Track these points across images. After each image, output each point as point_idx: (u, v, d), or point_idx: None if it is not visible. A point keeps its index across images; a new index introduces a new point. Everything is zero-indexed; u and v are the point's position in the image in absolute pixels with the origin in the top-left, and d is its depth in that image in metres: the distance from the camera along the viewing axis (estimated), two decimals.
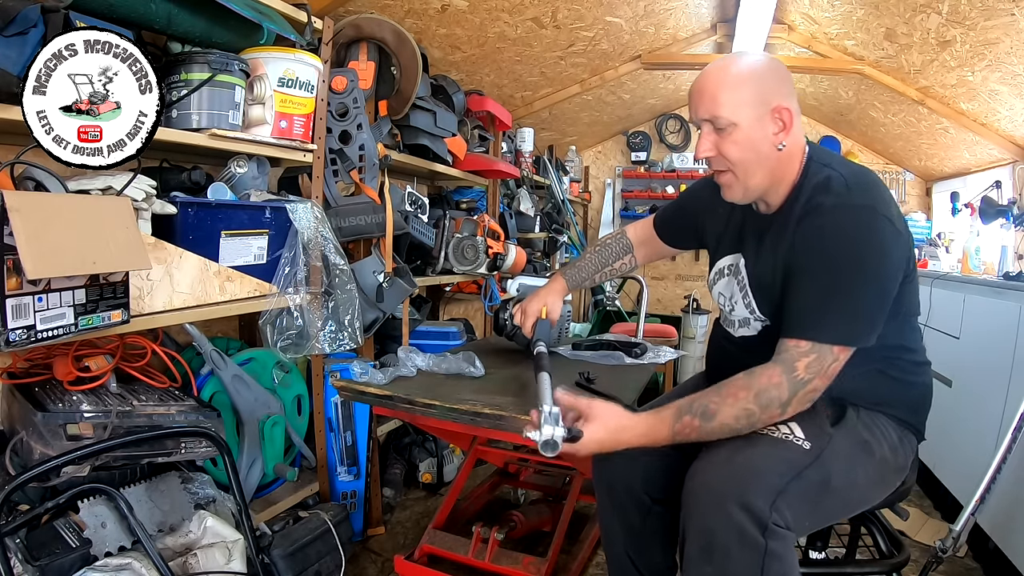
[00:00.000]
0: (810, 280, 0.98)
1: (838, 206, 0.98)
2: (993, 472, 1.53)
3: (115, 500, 1.12)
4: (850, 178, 1.01)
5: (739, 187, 1.08)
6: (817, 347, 0.95)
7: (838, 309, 0.96)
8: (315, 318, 1.65)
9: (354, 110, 1.76)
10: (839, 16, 2.75)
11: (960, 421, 2.04)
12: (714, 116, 1.03)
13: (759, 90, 1.01)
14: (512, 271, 2.75)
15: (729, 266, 1.20)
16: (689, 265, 4.78)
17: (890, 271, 0.97)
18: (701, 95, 1.04)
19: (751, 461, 0.95)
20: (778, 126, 1.03)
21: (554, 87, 3.40)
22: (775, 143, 1.03)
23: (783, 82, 1.04)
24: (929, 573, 1.53)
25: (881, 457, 1.04)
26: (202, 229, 1.39)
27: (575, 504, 1.82)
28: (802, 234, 1.01)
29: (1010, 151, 2.99)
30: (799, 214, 1.03)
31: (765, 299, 1.09)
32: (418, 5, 2.18)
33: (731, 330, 1.21)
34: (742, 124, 1.01)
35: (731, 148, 1.04)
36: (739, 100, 1.01)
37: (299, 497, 1.77)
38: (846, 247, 0.95)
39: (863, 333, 0.97)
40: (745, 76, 1.02)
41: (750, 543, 0.88)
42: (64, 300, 1.05)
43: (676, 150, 4.64)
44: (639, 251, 1.52)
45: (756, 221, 1.15)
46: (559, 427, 0.97)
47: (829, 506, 1.01)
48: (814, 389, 0.97)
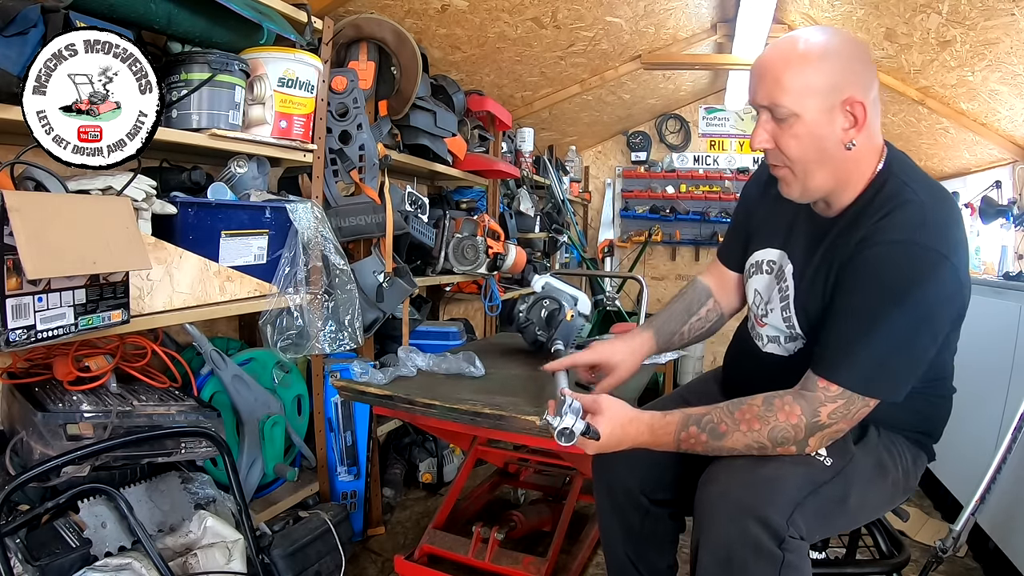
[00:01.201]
0: (856, 316, 0.89)
1: (906, 242, 0.86)
2: (993, 472, 1.53)
3: (115, 500, 1.12)
4: (929, 209, 0.88)
5: (797, 186, 0.96)
6: (847, 394, 0.89)
7: (879, 359, 0.88)
8: (315, 318, 1.65)
9: (354, 110, 1.76)
10: (839, 16, 2.75)
11: (960, 421, 2.02)
12: (774, 104, 0.90)
13: (831, 77, 0.88)
14: (512, 271, 2.76)
15: (771, 263, 1.09)
16: (689, 265, 4.78)
17: (942, 326, 0.90)
18: (763, 77, 0.91)
19: (771, 473, 0.92)
20: (849, 121, 0.90)
21: (554, 87, 3.40)
22: (844, 141, 0.91)
23: (862, 70, 0.89)
24: (929, 573, 1.53)
25: (894, 479, 1.03)
26: (202, 229, 1.39)
27: (575, 504, 1.82)
28: (862, 259, 0.89)
29: (1010, 151, 2.99)
30: (864, 232, 0.90)
31: (807, 315, 1.00)
32: (418, 5, 2.18)
33: (759, 343, 1.12)
34: (805, 116, 0.89)
35: (791, 142, 0.92)
36: (805, 87, 0.88)
37: (299, 497, 1.77)
38: (903, 291, 0.85)
39: (899, 389, 0.91)
40: (816, 58, 0.88)
41: (767, 555, 0.86)
42: (64, 300, 1.05)
43: (676, 150, 4.65)
44: (721, 297, 1.29)
45: (812, 221, 1.02)
46: (580, 420, 0.95)
47: (841, 521, 1.01)
48: (836, 431, 0.92)
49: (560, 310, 1.67)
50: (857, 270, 0.90)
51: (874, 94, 0.91)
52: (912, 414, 1.04)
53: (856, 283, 0.90)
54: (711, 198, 4.50)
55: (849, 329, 0.89)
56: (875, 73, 0.92)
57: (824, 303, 0.96)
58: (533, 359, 1.70)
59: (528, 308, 1.70)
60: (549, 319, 1.67)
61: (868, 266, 0.88)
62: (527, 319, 1.69)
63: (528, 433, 1.23)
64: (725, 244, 1.29)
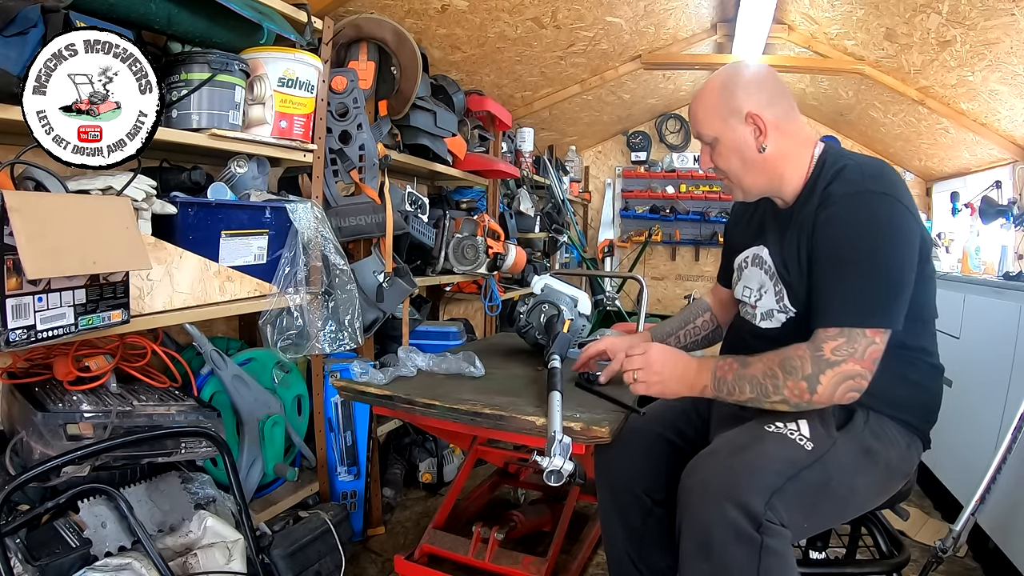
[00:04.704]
0: (831, 269, 1.01)
1: (852, 193, 1.00)
2: (993, 472, 1.53)
3: (115, 500, 1.12)
4: (865, 166, 1.04)
5: (737, 190, 1.16)
6: (846, 331, 0.97)
7: (859, 292, 0.98)
8: (315, 318, 1.65)
9: (354, 110, 1.76)
10: (839, 16, 2.75)
11: (960, 421, 2.04)
12: (699, 133, 1.15)
13: (729, 103, 1.08)
14: (512, 271, 2.76)
15: (753, 257, 1.21)
16: (689, 265, 4.79)
17: (908, 251, 0.99)
18: (690, 115, 1.16)
19: (748, 460, 0.96)
20: (754, 131, 1.09)
21: (554, 87, 3.40)
22: (756, 147, 1.09)
23: (756, 89, 1.09)
24: (929, 573, 1.53)
25: (886, 465, 1.04)
26: (202, 229, 1.39)
27: (575, 504, 1.82)
28: (821, 223, 1.03)
29: (1010, 151, 2.99)
30: (816, 203, 1.05)
31: (793, 290, 1.10)
32: (418, 5, 2.18)
33: (754, 322, 1.20)
34: (722, 137, 1.10)
35: (719, 159, 1.14)
36: (714, 116, 1.10)
37: (299, 497, 1.77)
38: (862, 232, 0.98)
39: (887, 312, 0.98)
40: (716, 92, 1.10)
41: (746, 539, 0.89)
42: (64, 300, 1.05)
43: (676, 150, 4.65)
44: (719, 312, 1.44)
45: (776, 215, 1.17)
46: (568, 461, 1.02)
47: (827, 509, 1.01)
48: (850, 373, 0.97)
49: (558, 316, 1.68)
50: (821, 230, 1.02)
51: (779, 104, 1.09)
52: (904, 392, 1.08)
53: (824, 240, 1.02)
54: (711, 198, 4.50)
55: (829, 280, 1.01)
56: (775, 87, 1.10)
57: (803, 272, 1.07)
58: (533, 359, 1.70)
59: (528, 311, 1.72)
60: (548, 325, 1.68)
61: (830, 223, 1.01)
62: (527, 322, 1.71)
63: (528, 433, 1.23)
64: (720, 268, 1.43)
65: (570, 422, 1.16)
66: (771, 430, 1.02)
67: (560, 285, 1.88)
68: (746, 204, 1.28)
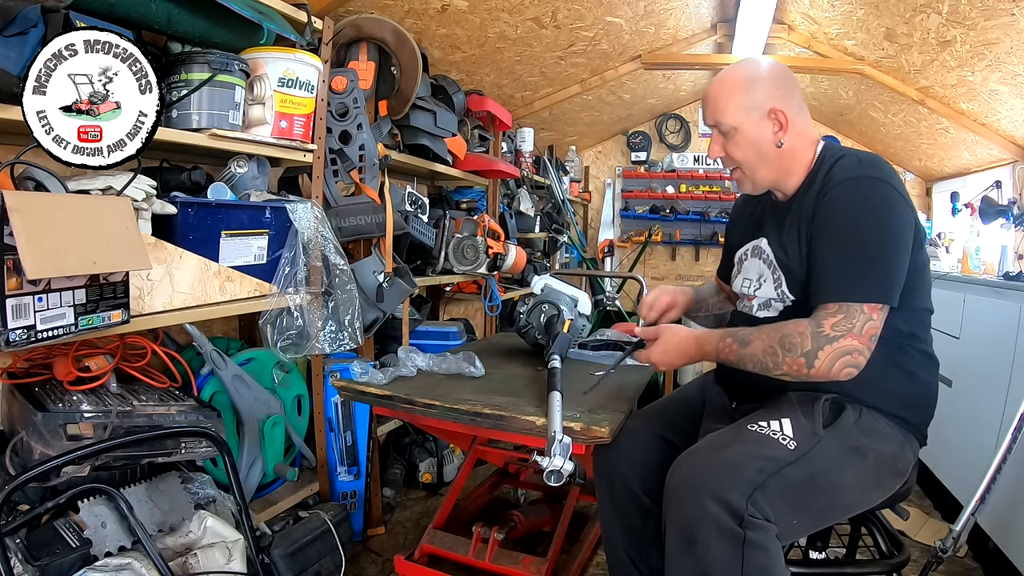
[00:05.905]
0: (829, 249, 1.04)
1: (850, 178, 1.05)
2: (993, 472, 1.52)
3: (115, 500, 1.12)
4: (861, 156, 1.09)
5: (748, 182, 1.19)
6: (844, 307, 1.00)
7: (856, 269, 1.01)
8: (315, 318, 1.65)
9: (354, 110, 1.76)
10: (839, 16, 2.75)
11: (960, 421, 2.04)
12: (717, 122, 1.15)
13: (754, 96, 1.11)
14: (512, 271, 2.76)
15: (753, 248, 1.24)
16: (689, 265, 4.79)
17: (903, 234, 1.03)
18: (707, 103, 1.17)
19: (729, 457, 0.98)
20: (776, 126, 1.12)
21: (554, 87, 3.40)
22: (775, 141, 1.12)
23: (779, 85, 1.13)
24: (929, 573, 1.53)
25: (876, 461, 1.04)
26: (202, 229, 1.39)
27: (575, 504, 1.82)
28: (820, 208, 1.07)
29: (1010, 151, 2.99)
30: (816, 192, 1.09)
31: (792, 276, 1.13)
32: (418, 5, 2.18)
33: (751, 313, 1.22)
34: (742, 128, 1.12)
35: (735, 149, 1.15)
36: (736, 106, 1.12)
37: (299, 497, 1.77)
38: (859, 212, 1.03)
39: (883, 287, 1.01)
40: (740, 84, 1.12)
41: (729, 534, 0.90)
42: (64, 300, 1.05)
43: (676, 150, 4.64)
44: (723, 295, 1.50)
45: (775, 208, 1.21)
46: (568, 461, 1.03)
47: (816, 506, 1.01)
48: (848, 348, 0.99)
49: (558, 316, 1.68)
50: (820, 214, 1.07)
51: (796, 101, 1.13)
52: (894, 382, 1.09)
53: (823, 221, 1.06)
54: (711, 198, 4.50)
55: (827, 260, 1.04)
56: (794, 85, 1.15)
57: (802, 257, 1.10)
58: (533, 359, 1.70)
59: (528, 311, 1.72)
60: (548, 325, 1.68)
61: (827, 207, 1.06)
62: (527, 322, 1.72)
63: (528, 433, 1.23)
64: (721, 263, 1.47)
65: (570, 422, 1.16)
66: (754, 430, 1.03)
67: (560, 285, 1.88)
68: (746, 203, 1.33)
